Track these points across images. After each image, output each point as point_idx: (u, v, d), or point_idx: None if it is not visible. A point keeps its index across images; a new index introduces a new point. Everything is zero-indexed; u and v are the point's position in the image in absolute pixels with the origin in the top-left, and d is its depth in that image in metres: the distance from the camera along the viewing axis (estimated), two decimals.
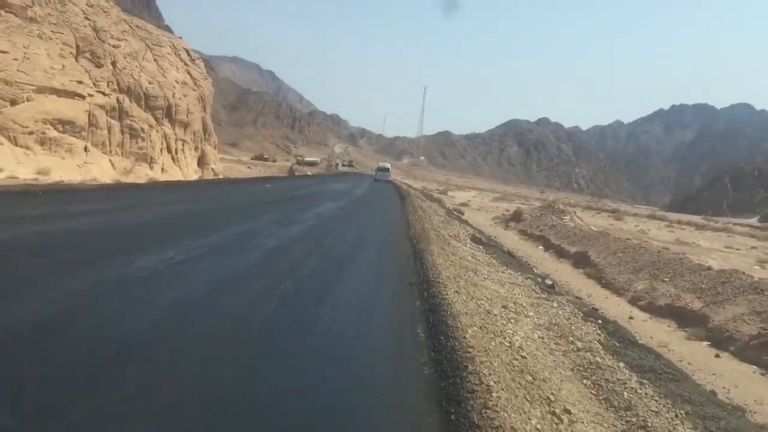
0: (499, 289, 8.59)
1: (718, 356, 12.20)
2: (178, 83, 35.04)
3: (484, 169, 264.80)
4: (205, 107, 39.05)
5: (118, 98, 28.75)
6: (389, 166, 69.16)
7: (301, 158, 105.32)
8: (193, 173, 34.78)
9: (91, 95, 26.70)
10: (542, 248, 26.92)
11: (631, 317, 14.84)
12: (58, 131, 24.47)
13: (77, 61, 27.57)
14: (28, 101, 23.70)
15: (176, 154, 33.44)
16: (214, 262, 7.78)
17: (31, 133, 23.34)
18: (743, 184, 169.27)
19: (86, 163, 24.94)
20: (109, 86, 28.37)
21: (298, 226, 13.35)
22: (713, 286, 15.87)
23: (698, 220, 78.92)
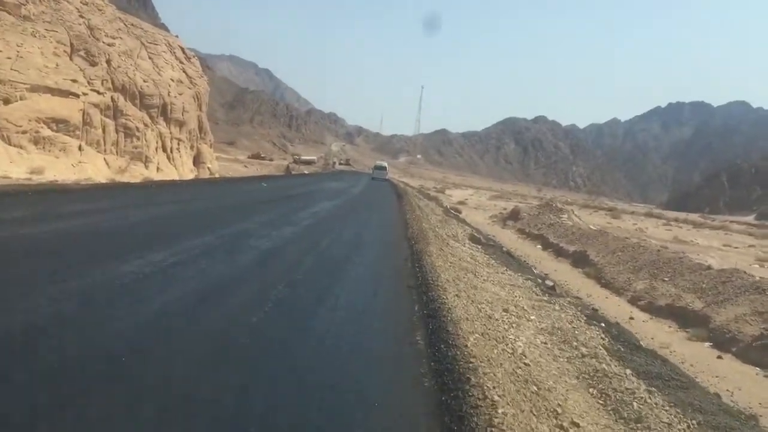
0: (499, 291, 8.40)
1: (720, 357, 12.05)
2: (173, 81, 34.75)
3: (481, 167, 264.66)
4: (200, 106, 38.75)
5: (112, 97, 28.46)
6: (386, 164, 69.01)
7: (297, 157, 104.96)
8: (188, 172, 34.49)
9: (85, 94, 26.42)
10: (540, 247, 26.78)
11: (631, 318, 14.69)
12: (52, 130, 24.20)
13: (71, 59, 27.27)
14: (21, 100, 23.41)
15: (172, 153, 33.14)
16: (204, 265, 7.53)
17: (24, 132, 23.06)
18: (740, 181, 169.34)
19: (80, 162, 24.68)
20: (103, 85, 28.08)
21: (293, 226, 13.13)
22: (714, 285, 15.73)
23: (696, 218, 78.92)
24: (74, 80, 26.06)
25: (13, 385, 3.57)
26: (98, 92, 27.51)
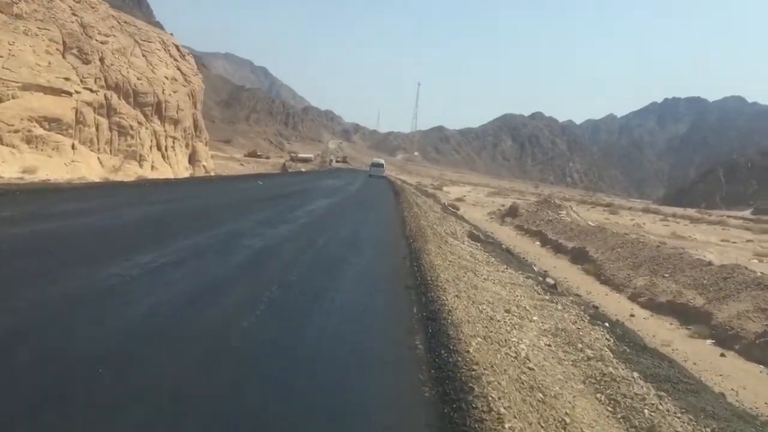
0: (500, 290, 8.18)
1: (723, 355, 11.87)
2: (167, 79, 34.43)
3: (478, 164, 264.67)
4: (195, 103, 38.45)
5: (106, 95, 28.17)
6: (383, 161, 69.06)
7: (294, 154, 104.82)
8: (183, 171, 34.21)
9: (78, 92, 26.13)
10: (539, 244, 26.61)
11: (632, 315, 14.51)
12: (44, 129, 23.92)
13: (64, 57, 26.96)
14: (13, 99, 23.12)
15: (166, 151, 32.85)
16: (194, 266, 7.26)
17: (16, 131, 22.78)
18: (736, 176, 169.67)
19: (74, 161, 24.42)
20: (96, 83, 27.79)
21: (288, 225, 12.90)
22: (715, 281, 15.55)
23: (693, 213, 78.84)
24: (67, 78, 25.77)
25: None
26: (91, 90, 27.22)
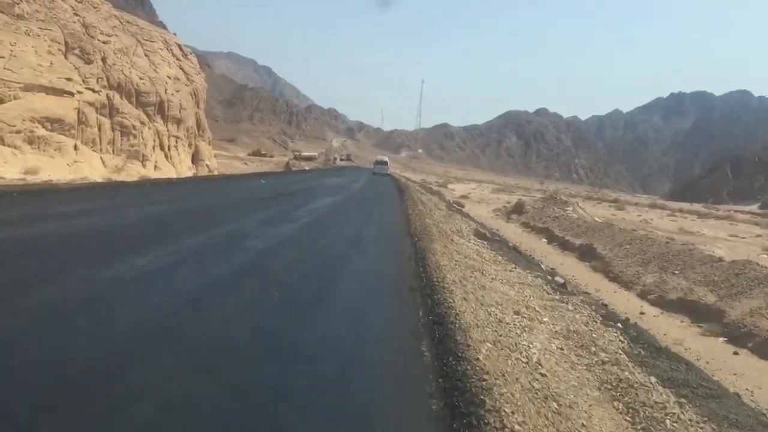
0: (508, 291, 7.93)
1: (736, 354, 11.62)
2: (170, 79, 34.30)
3: (483, 160, 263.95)
4: (198, 103, 38.30)
5: (108, 95, 28.05)
6: (387, 159, 69.03)
7: (298, 153, 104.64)
8: (187, 170, 34.08)
9: (80, 92, 26.02)
10: (546, 241, 26.35)
11: (642, 313, 14.27)
12: (46, 129, 23.83)
13: (66, 57, 26.85)
14: (15, 99, 23.03)
15: (169, 150, 32.72)
16: (192, 269, 7.02)
17: (18, 132, 22.69)
18: (743, 171, 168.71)
19: (76, 161, 24.31)
20: (98, 83, 27.67)
21: (291, 224, 12.68)
22: (726, 278, 15.28)
23: (700, 208, 78.27)
24: (69, 79, 25.66)
25: None
26: (93, 90, 27.11)
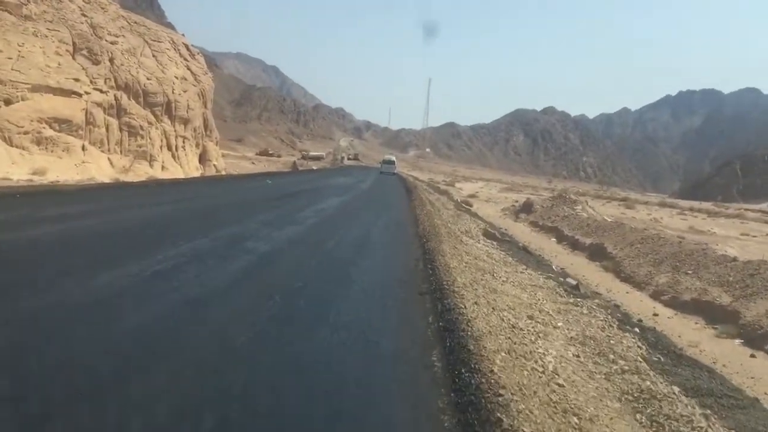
0: (520, 294, 7.73)
1: (753, 356, 11.36)
2: (177, 79, 34.29)
3: (490, 159, 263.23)
4: (205, 103, 38.30)
5: (115, 95, 28.06)
6: (395, 158, 68.92)
7: (306, 153, 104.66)
8: (194, 170, 34.08)
9: (88, 93, 26.04)
10: (555, 240, 26.10)
11: (655, 314, 14.03)
12: (54, 130, 23.85)
13: (74, 58, 26.86)
14: (23, 100, 23.06)
15: (177, 151, 32.72)
16: (191, 275, 6.74)
17: (26, 132, 22.71)
18: (753, 169, 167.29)
19: (84, 162, 24.31)
20: (106, 83, 27.68)
21: (296, 226, 12.51)
22: (741, 278, 15.00)
23: (710, 206, 77.55)
24: (77, 79, 25.68)
25: None
26: (101, 91, 27.11)
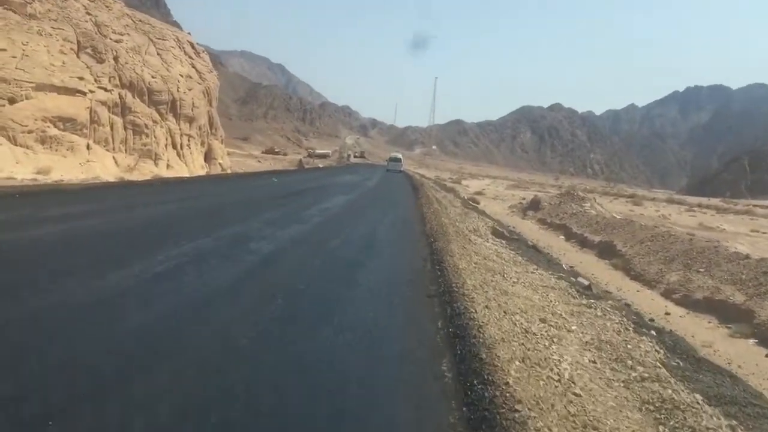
0: (532, 295, 7.48)
1: None
2: (182, 77, 34.20)
3: (497, 156, 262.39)
4: (210, 101, 38.20)
5: (120, 94, 27.97)
6: (401, 156, 68.76)
7: (312, 151, 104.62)
8: (199, 168, 34.00)
9: (92, 91, 25.96)
10: (563, 238, 25.81)
11: (667, 313, 13.75)
12: (58, 129, 23.77)
13: (78, 57, 26.79)
14: (27, 99, 23.00)
15: (182, 149, 32.64)
16: (192, 276, 6.57)
17: (30, 131, 22.63)
18: (761, 164, 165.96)
19: (88, 161, 24.21)
20: (111, 82, 27.59)
21: (301, 225, 12.30)
22: (755, 276, 14.68)
23: (718, 202, 76.90)
24: (81, 78, 25.60)
25: None
26: (106, 89, 27.03)
